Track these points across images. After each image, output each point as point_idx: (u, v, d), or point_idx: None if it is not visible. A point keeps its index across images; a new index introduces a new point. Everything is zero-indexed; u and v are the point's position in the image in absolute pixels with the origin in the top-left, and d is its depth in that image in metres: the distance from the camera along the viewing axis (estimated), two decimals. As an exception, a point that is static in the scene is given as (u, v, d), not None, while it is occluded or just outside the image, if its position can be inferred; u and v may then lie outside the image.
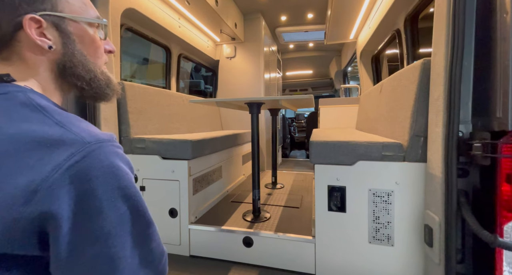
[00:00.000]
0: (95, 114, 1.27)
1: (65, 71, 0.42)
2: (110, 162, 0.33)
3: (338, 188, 1.12)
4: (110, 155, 0.34)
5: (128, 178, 0.35)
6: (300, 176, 2.61)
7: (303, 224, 1.35)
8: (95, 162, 0.32)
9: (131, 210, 0.35)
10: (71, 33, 0.41)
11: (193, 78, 3.94)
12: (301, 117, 6.87)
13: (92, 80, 0.44)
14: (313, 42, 3.93)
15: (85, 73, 0.43)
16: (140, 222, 0.36)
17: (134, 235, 0.35)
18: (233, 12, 2.56)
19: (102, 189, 0.32)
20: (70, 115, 0.37)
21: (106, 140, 0.35)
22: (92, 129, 0.36)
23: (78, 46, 0.42)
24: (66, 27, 0.41)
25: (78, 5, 0.42)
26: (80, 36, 0.42)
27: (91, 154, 0.32)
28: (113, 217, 0.33)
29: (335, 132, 1.65)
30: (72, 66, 0.42)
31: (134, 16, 1.73)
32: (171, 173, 1.35)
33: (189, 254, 1.33)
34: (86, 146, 0.32)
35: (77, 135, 0.33)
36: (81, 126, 0.35)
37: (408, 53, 1.77)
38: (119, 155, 0.36)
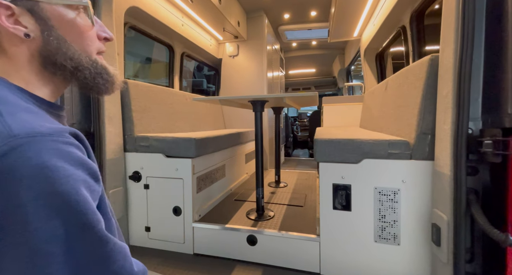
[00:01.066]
0: (99, 113, 1.27)
1: (46, 60, 0.38)
2: (42, 161, 0.27)
3: (343, 186, 1.11)
4: (44, 152, 0.28)
5: (69, 182, 0.28)
6: (303, 174, 2.60)
7: (307, 223, 1.34)
8: (19, 160, 0.26)
9: (73, 222, 0.28)
10: (48, 19, 0.37)
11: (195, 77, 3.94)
12: (303, 116, 6.84)
13: (76, 69, 0.39)
14: (316, 40, 3.90)
15: (66, 61, 0.38)
16: (89, 237, 0.29)
17: (81, 254, 0.28)
18: (236, 10, 2.54)
19: (28, 195, 0.26)
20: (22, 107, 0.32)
21: (45, 133, 0.29)
22: (36, 121, 0.30)
23: (59, 32, 0.38)
24: (42, 12, 0.36)
25: None
26: (59, 21, 0.38)
27: (16, 149, 0.26)
28: (44, 231, 0.26)
29: (339, 131, 1.63)
30: (51, 54, 0.38)
31: (137, 14, 1.73)
32: (175, 171, 1.35)
33: (193, 252, 1.33)
34: (10, 139, 0.26)
35: (5, 126, 0.27)
36: (22, 117, 0.30)
37: (413, 50, 1.74)
38: (63, 152, 0.29)
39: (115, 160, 1.34)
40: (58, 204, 0.27)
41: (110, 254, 0.31)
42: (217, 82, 3.12)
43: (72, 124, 1.22)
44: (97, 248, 0.30)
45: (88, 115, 1.27)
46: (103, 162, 1.28)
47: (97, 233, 0.30)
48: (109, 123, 1.31)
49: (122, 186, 1.39)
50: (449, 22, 0.84)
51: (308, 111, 7.30)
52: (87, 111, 1.27)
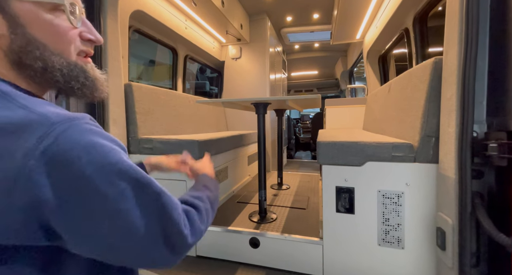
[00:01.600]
0: (104, 115, 1.29)
1: (15, 60, 0.36)
2: (89, 139, 0.30)
3: (346, 189, 1.10)
4: (85, 133, 0.31)
5: (116, 153, 0.32)
6: (306, 177, 2.59)
7: (310, 225, 1.33)
8: (70, 142, 0.29)
9: (133, 184, 0.33)
10: (17, 16, 0.35)
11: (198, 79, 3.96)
12: (306, 118, 6.83)
13: (44, 70, 0.37)
14: (319, 43, 3.91)
15: (33, 61, 0.36)
16: (148, 192, 0.34)
17: (144, 207, 0.33)
18: (239, 13, 2.56)
19: (91, 169, 0.29)
20: (38, 99, 0.33)
21: (77, 117, 0.32)
22: (59, 110, 0.32)
23: (29, 30, 0.36)
24: (9, 8, 0.34)
25: None
26: (30, 20, 0.36)
27: (62, 134, 0.29)
28: (114, 195, 0.31)
29: (342, 133, 1.63)
30: (17, 53, 0.36)
31: (142, 18, 1.75)
32: (178, 173, 1.35)
33: (195, 254, 1.33)
34: (54, 126, 0.29)
35: (42, 116, 0.30)
36: (47, 108, 0.31)
37: (417, 52, 1.74)
38: (97, 132, 0.32)
39: (119, 161, 1.35)
40: (117, 171, 0.32)
41: (169, 203, 0.36)
42: (220, 84, 3.14)
43: (77, 127, 1.24)
44: (157, 200, 0.35)
45: (93, 117, 1.28)
46: (107, 163, 1.29)
47: (154, 187, 0.35)
48: (113, 125, 1.32)
49: (125, 188, 1.40)
50: (452, 24, 0.84)
51: (311, 113, 7.30)
52: (92, 113, 1.28)
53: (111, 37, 1.31)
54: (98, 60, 1.26)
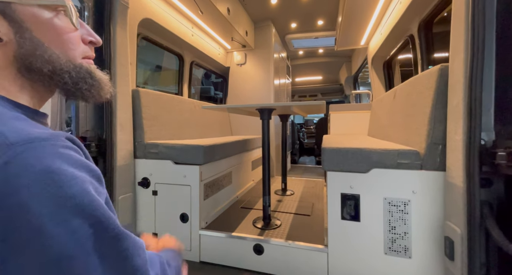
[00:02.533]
0: (111, 120, 1.31)
1: (23, 65, 0.36)
2: (46, 165, 0.26)
3: (351, 196, 1.09)
4: (47, 157, 0.27)
5: (77, 183, 0.28)
6: (310, 182, 2.57)
7: (314, 233, 1.32)
8: (22, 168, 0.25)
9: (89, 222, 0.27)
10: (22, 21, 0.35)
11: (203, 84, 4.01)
12: (310, 123, 6.82)
13: (53, 73, 0.37)
14: (323, 48, 3.93)
15: (44, 65, 0.36)
16: (107, 235, 0.29)
17: (102, 253, 0.28)
18: (244, 20, 2.61)
19: (38, 201, 0.25)
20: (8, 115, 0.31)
21: (42, 138, 0.28)
22: (28, 128, 0.29)
23: (34, 34, 0.35)
24: (14, 14, 0.34)
25: None
26: (34, 23, 0.35)
27: (16, 157, 0.25)
28: (63, 235, 0.25)
29: (347, 139, 1.62)
30: (26, 58, 0.35)
31: (150, 26, 1.80)
32: (183, 178, 1.36)
33: (199, 260, 1.33)
34: (9, 147, 0.25)
35: (1, 135, 0.26)
36: (13, 125, 0.28)
37: (422, 58, 1.74)
38: (64, 155, 0.28)
39: (125, 166, 1.37)
40: (71, 206, 0.26)
41: (132, 248, 0.31)
42: (224, 89, 3.17)
43: (86, 131, 1.27)
44: (117, 244, 0.30)
45: (101, 123, 1.31)
46: (114, 168, 1.31)
47: (115, 229, 0.30)
48: (120, 130, 1.35)
49: (131, 192, 1.41)
50: (458, 31, 0.84)
51: (315, 118, 7.29)
52: (100, 119, 1.31)
53: (120, 45, 1.35)
54: (107, 66, 1.29)
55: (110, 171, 1.30)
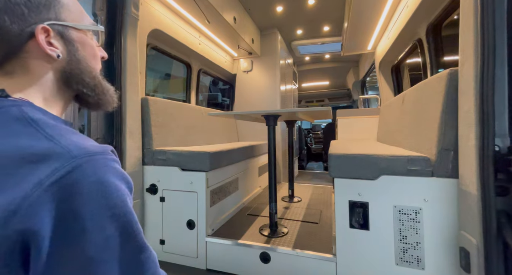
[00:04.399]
0: (121, 128, 1.35)
1: (71, 79, 0.42)
2: (98, 177, 0.31)
3: (360, 204, 1.06)
4: (100, 170, 0.31)
5: (119, 196, 0.32)
6: (318, 189, 2.53)
7: (322, 241, 1.29)
8: (80, 177, 0.29)
9: (120, 231, 0.31)
10: (74, 41, 0.41)
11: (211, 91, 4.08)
12: (317, 128, 6.76)
13: (96, 86, 0.44)
14: (330, 54, 3.93)
15: (90, 79, 0.43)
16: (131, 245, 0.32)
17: (124, 261, 0.31)
18: (250, 28, 2.66)
19: (87, 208, 0.29)
20: (63, 128, 0.35)
21: (97, 152, 0.33)
22: (83, 141, 0.34)
23: (81, 53, 0.42)
24: (70, 35, 0.41)
25: (77, 13, 0.43)
26: (81, 43, 0.43)
27: (77, 169, 0.30)
28: (98, 240, 0.29)
29: (355, 145, 1.59)
30: (79, 73, 0.42)
31: (159, 36, 1.86)
32: (190, 184, 1.37)
33: (205, 267, 1.32)
34: (73, 160, 0.30)
35: (64, 148, 0.31)
36: (71, 139, 0.33)
37: (431, 62, 1.70)
38: (112, 169, 0.33)
39: (134, 172, 1.40)
40: (110, 215, 0.31)
41: (146, 261, 0.34)
42: (231, 96, 3.21)
43: (97, 139, 1.30)
44: (137, 254, 0.33)
45: (112, 130, 1.35)
46: (123, 174, 1.33)
47: (139, 241, 0.33)
48: (129, 137, 1.38)
49: (139, 198, 1.43)
50: (467, 34, 0.82)
51: (322, 123, 7.22)
52: (111, 127, 1.35)
53: (130, 55, 1.40)
54: (118, 76, 1.34)
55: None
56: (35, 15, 0.37)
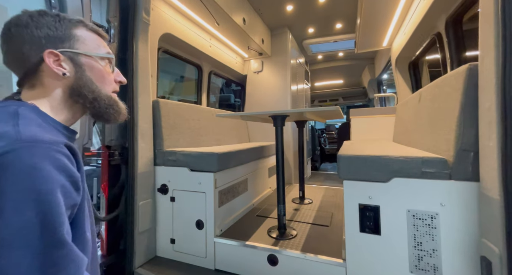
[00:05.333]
0: (133, 130, 1.40)
1: (74, 92, 0.51)
2: (33, 162, 0.32)
3: (371, 207, 1.02)
4: (37, 156, 0.33)
5: (48, 183, 0.33)
6: (331, 191, 2.46)
7: (332, 245, 1.25)
8: (16, 158, 0.32)
9: (40, 219, 0.31)
10: (82, 64, 0.51)
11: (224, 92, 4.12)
12: (332, 128, 6.60)
13: (94, 99, 0.52)
14: (343, 52, 3.83)
15: (89, 93, 0.51)
16: (48, 238, 0.31)
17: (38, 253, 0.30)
18: (260, 28, 2.65)
19: (11, 188, 0.30)
20: (37, 123, 0.41)
21: (44, 141, 0.35)
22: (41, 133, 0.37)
23: (87, 73, 0.52)
24: (79, 59, 0.51)
25: (92, 46, 0.53)
26: (89, 66, 0.52)
27: (17, 150, 0.32)
28: (14, 221, 0.29)
29: (367, 145, 1.53)
30: (79, 87, 0.51)
31: (170, 40, 1.91)
32: (198, 185, 1.39)
33: (214, 267, 1.33)
34: (16, 142, 0.33)
35: (17, 134, 0.34)
36: (32, 129, 0.37)
37: (451, 58, 1.60)
38: (52, 158, 0.35)
39: (145, 173, 1.44)
40: (33, 199, 0.31)
41: (63, 259, 0.32)
42: (242, 97, 3.22)
43: (111, 141, 1.36)
44: (52, 250, 0.32)
45: (124, 132, 1.40)
46: (135, 175, 1.38)
47: (58, 235, 0.32)
48: (141, 139, 1.43)
49: (151, 198, 1.48)
50: (487, 26, 0.76)
51: (337, 123, 7.04)
52: (124, 129, 1.40)
53: (142, 59, 1.45)
54: (130, 79, 1.39)
55: (132, 178, 1.37)
56: (51, 45, 0.47)
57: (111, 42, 1.35)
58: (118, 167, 1.39)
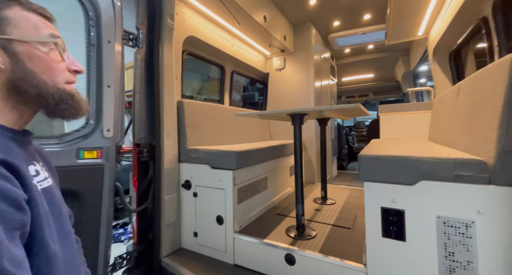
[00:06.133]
0: (160, 129, 1.50)
1: (12, 88, 0.43)
2: None
3: (394, 212, 0.95)
4: None
5: None
6: (356, 192, 2.35)
7: (354, 248, 1.20)
8: None
9: None
10: (19, 53, 0.43)
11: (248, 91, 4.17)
12: (361, 126, 6.25)
13: (39, 95, 0.44)
14: (373, 44, 3.58)
15: (30, 88, 0.44)
16: None
17: None
18: (282, 25, 2.61)
19: None
20: None
21: None
22: None
23: (27, 64, 0.44)
24: (14, 48, 0.43)
25: (29, 29, 0.44)
26: (28, 55, 0.44)
27: None
28: None
29: (395, 144, 1.42)
30: (16, 82, 0.43)
31: (194, 42, 1.99)
32: (218, 182, 1.44)
33: (233, 262, 1.37)
34: None
35: None
36: None
37: (500, 45, 1.39)
38: None
39: (171, 169, 1.54)
40: None
41: None
42: (264, 95, 3.22)
43: (140, 139, 1.48)
44: None
45: (152, 131, 1.51)
46: (162, 170, 1.48)
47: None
48: (167, 137, 1.52)
49: (176, 193, 1.57)
50: None
51: (367, 120, 6.64)
52: (151, 128, 1.51)
53: (167, 62, 1.54)
54: (156, 82, 1.49)
55: (159, 173, 1.48)
56: None
57: (139, 47, 1.46)
58: (146, 163, 1.51)
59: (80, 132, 1.08)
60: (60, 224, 0.48)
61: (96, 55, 1.12)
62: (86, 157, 1.05)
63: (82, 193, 1.05)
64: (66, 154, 1.00)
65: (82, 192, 1.05)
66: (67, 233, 0.49)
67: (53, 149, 0.99)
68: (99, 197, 1.10)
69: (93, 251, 1.09)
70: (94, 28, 1.11)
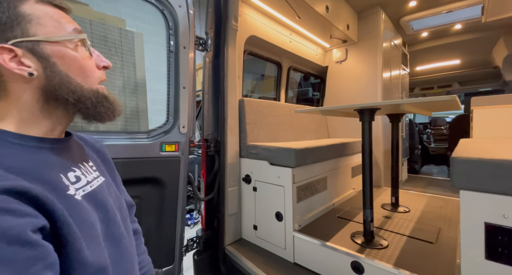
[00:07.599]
0: (224, 126, 1.60)
1: (50, 96, 0.39)
2: None
3: (505, 230, 0.75)
4: None
5: None
6: (437, 200, 1.98)
7: (439, 267, 1.01)
8: None
9: None
10: (49, 56, 0.39)
11: (301, 86, 4.05)
12: (440, 123, 5.25)
13: (78, 101, 0.41)
14: (461, 23, 2.93)
15: (69, 95, 0.40)
16: None
17: None
18: (345, 13, 2.41)
19: None
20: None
21: None
22: None
23: (60, 68, 0.39)
24: (42, 50, 0.38)
25: (52, 25, 0.39)
26: (60, 57, 0.39)
27: None
28: None
29: (500, 145, 1.13)
30: (54, 90, 0.39)
31: (254, 41, 2.04)
32: (277, 179, 1.44)
33: (293, 260, 1.35)
34: None
35: None
36: None
37: None
38: None
39: (233, 163, 1.63)
40: None
41: None
42: (322, 90, 3.06)
43: (208, 135, 1.61)
44: None
45: (217, 128, 1.63)
46: (225, 164, 1.59)
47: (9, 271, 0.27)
48: (230, 133, 1.62)
49: (237, 186, 1.66)
50: None
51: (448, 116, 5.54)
52: (217, 125, 1.63)
53: (231, 63, 1.62)
54: (222, 82, 1.59)
55: (223, 167, 1.59)
56: None
57: (208, 51, 1.58)
58: (213, 157, 1.64)
59: (162, 128, 1.25)
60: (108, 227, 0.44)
61: (174, 60, 1.27)
62: (167, 149, 1.21)
63: (164, 181, 1.21)
64: (153, 147, 1.18)
65: (164, 180, 1.21)
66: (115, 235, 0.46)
67: (143, 142, 1.17)
68: (176, 185, 1.25)
69: (172, 231, 1.26)
70: (173, 37, 1.26)
